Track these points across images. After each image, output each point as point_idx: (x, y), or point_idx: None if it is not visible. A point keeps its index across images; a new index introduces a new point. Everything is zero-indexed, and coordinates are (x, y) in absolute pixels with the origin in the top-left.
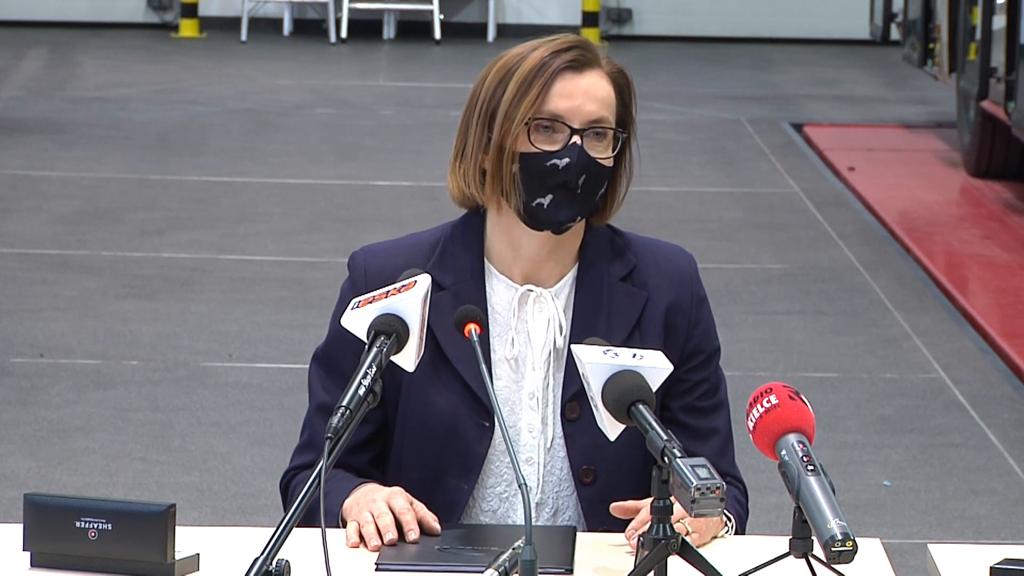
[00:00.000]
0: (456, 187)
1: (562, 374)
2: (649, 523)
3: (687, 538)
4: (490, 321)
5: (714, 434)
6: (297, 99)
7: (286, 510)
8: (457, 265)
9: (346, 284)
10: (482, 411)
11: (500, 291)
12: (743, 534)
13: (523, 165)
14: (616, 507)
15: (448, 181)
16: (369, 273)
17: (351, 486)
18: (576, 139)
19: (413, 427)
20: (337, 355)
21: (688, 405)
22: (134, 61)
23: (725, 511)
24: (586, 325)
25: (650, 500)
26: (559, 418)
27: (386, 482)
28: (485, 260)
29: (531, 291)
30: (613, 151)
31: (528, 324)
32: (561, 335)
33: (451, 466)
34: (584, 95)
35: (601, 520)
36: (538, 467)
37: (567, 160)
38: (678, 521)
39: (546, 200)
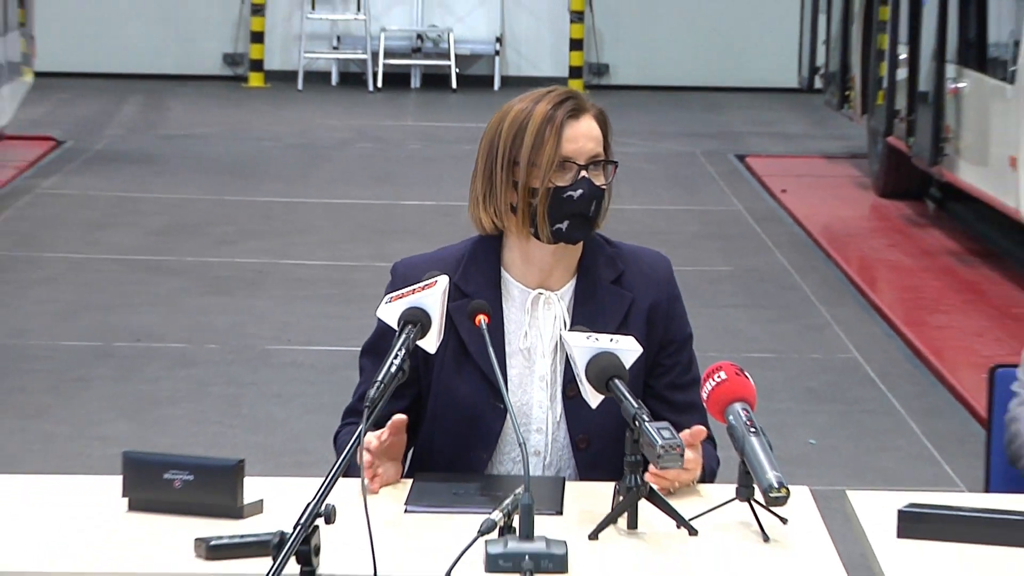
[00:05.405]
0: (488, 221)
1: (566, 361)
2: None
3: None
4: (505, 320)
5: (693, 407)
6: (342, 136)
7: (335, 460)
8: (478, 278)
9: (389, 288)
10: (497, 396)
11: (515, 295)
12: (713, 481)
13: (546, 199)
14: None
15: (477, 216)
16: (409, 281)
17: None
18: (584, 173)
19: (443, 409)
20: (385, 345)
21: (669, 383)
22: (212, 106)
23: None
24: (583, 322)
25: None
26: (561, 396)
27: (416, 450)
28: (502, 271)
29: (541, 294)
30: (608, 177)
31: (539, 320)
32: (565, 329)
33: (475, 440)
34: (584, 137)
35: (594, 478)
36: (546, 435)
37: (580, 191)
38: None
39: (564, 225)
